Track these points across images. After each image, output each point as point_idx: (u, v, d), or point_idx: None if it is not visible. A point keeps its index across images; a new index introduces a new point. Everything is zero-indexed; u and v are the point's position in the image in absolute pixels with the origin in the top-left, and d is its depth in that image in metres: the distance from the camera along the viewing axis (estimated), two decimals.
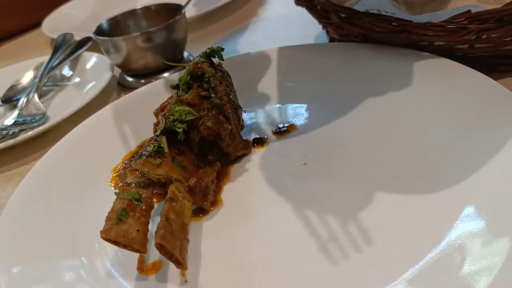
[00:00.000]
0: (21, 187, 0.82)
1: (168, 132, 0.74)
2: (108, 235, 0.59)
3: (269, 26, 1.41)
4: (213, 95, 0.75)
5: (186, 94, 0.74)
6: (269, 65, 1.05)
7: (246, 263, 0.63)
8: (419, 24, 0.85)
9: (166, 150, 0.73)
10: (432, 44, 0.90)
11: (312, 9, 0.99)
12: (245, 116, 0.91)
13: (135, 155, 0.74)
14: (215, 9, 1.48)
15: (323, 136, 0.83)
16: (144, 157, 0.71)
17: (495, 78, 0.86)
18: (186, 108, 0.73)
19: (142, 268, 0.65)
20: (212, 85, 0.75)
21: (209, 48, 0.84)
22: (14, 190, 0.87)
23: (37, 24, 1.91)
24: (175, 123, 0.72)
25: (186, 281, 0.62)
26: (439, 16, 0.84)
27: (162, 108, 0.82)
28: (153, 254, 0.65)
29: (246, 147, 0.82)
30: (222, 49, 0.85)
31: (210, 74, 0.76)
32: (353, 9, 0.91)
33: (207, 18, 1.51)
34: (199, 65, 0.76)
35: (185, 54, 1.28)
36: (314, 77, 0.98)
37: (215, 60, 0.85)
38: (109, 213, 0.63)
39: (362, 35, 0.95)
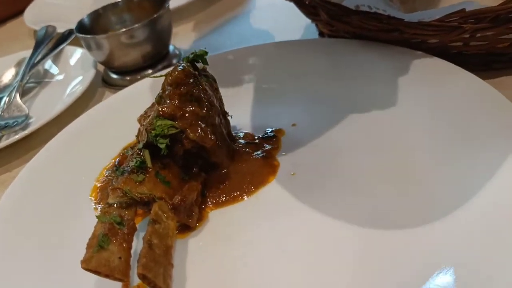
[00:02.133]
0: (4, 200, 0.79)
1: (151, 145, 0.71)
2: (89, 265, 0.57)
3: (256, 16, 1.37)
4: (196, 106, 0.72)
5: (167, 105, 0.71)
6: (255, 63, 1.02)
7: (232, 283, 0.61)
8: (411, 23, 0.81)
9: (149, 165, 0.70)
10: (425, 42, 0.87)
11: (300, 5, 0.96)
12: (231, 120, 0.88)
13: (117, 171, 0.71)
14: None
15: (312, 142, 0.80)
16: (126, 174, 0.69)
17: (490, 77, 0.85)
18: (168, 122, 0.69)
19: None
20: (195, 95, 0.72)
21: (192, 53, 0.80)
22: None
23: (19, 12, 1.86)
24: (157, 138, 0.69)
25: None
26: (432, 14, 0.81)
27: (146, 114, 0.80)
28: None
29: (232, 156, 0.80)
30: (206, 53, 0.81)
31: (193, 83, 0.73)
32: (342, 6, 0.87)
33: (192, 8, 1.47)
34: (181, 75, 0.72)
35: (171, 47, 1.24)
36: (302, 76, 0.95)
37: (199, 64, 0.82)
38: (90, 239, 0.60)
39: (352, 32, 0.92)
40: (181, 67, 0.74)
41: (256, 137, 0.85)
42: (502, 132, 0.66)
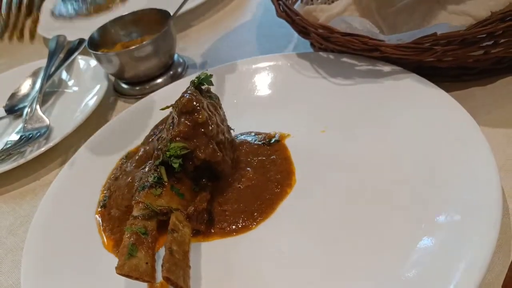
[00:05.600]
0: (37, 218, 0.91)
1: (166, 163, 0.83)
2: (122, 271, 0.70)
3: (253, 25, 1.47)
4: (203, 128, 0.83)
5: (178, 130, 0.82)
6: (252, 75, 1.13)
7: (242, 279, 0.74)
8: (390, 44, 0.92)
9: (165, 180, 0.82)
10: (403, 58, 0.98)
11: (292, 23, 1.06)
12: (234, 132, 0.99)
13: (139, 187, 0.83)
14: (202, 4, 1.53)
15: (309, 151, 0.92)
16: (147, 189, 0.81)
17: (461, 88, 0.96)
18: (180, 144, 0.81)
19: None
20: (202, 119, 0.83)
21: (197, 77, 0.91)
22: (30, 207, 0.98)
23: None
24: (172, 159, 0.81)
25: None
26: (408, 37, 0.91)
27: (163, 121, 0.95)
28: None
29: (236, 166, 0.92)
30: (211, 76, 0.93)
31: (199, 108, 0.84)
32: (329, 28, 0.97)
33: (192, 16, 1.57)
34: (189, 103, 0.83)
35: (175, 56, 1.35)
36: (296, 88, 1.07)
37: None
38: (120, 248, 0.73)
39: (339, 50, 1.03)
40: (187, 95, 0.85)
41: (256, 146, 0.97)
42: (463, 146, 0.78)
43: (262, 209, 0.84)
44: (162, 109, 0.90)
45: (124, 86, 1.32)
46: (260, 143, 0.97)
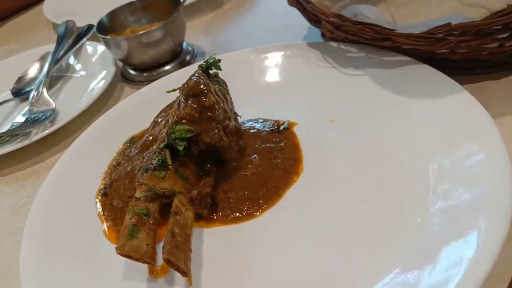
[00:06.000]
0: (39, 200, 0.90)
1: (170, 146, 0.82)
2: (123, 251, 0.68)
3: (264, 14, 1.46)
4: (209, 112, 0.82)
5: (184, 112, 0.81)
6: (262, 63, 1.12)
7: (243, 265, 0.73)
8: (402, 34, 0.90)
9: (170, 163, 0.81)
10: (416, 49, 0.96)
11: (303, 12, 1.04)
12: (242, 118, 0.98)
13: (142, 169, 0.82)
14: None
15: (317, 140, 0.90)
16: (150, 171, 0.80)
17: (474, 81, 0.94)
18: (186, 127, 0.80)
19: (153, 271, 0.75)
20: (209, 102, 0.82)
21: (205, 61, 0.90)
22: (33, 188, 0.97)
23: (35, 2, 1.94)
24: (177, 141, 0.80)
25: (190, 284, 0.72)
26: (421, 27, 0.89)
27: (164, 113, 0.93)
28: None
29: (242, 153, 0.90)
30: (219, 61, 0.91)
31: (206, 92, 0.83)
32: (342, 16, 0.96)
33: (202, 5, 1.56)
34: (196, 85, 0.82)
35: (184, 44, 1.34)
36: (306, 76, 1.05)
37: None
38: (122, 228, 0.72)
39: (351, 39, 1.01)
40: (195, 78, 0.84)
41: (264, 133, 0.96)
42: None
43: (268, 197, 0.82)
44: (169, 91, 0.89)
45: (132, 72, 1.30)
46: (268, 130, 0.96)
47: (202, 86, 0.83)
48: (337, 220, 0.75)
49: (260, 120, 0.99)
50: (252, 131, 0.97)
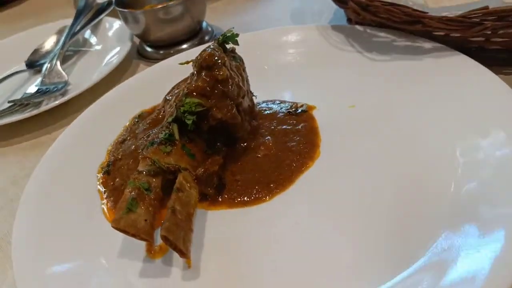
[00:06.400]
0: (41, 166, 0.86)
1: (179, 120, 0.77)
2: (118, 225, 0.64)
3: None
4: (222, 87, 0.77)
5: (196, 85, 0.76)
6: (283, 44, 1.06)
7: (247, 251, 0.67)
8: (434, 16, 0.84)
9: (177, 138, 0.76)
10: (447, 35, 0.89)
11: None
12: (257, 99, 0.93)
13: (147, 142, 0.77)
14: None
15: (336, 125, 0.85)
16: (156, 145, 0.75)
17: (510, 73, 0.87)
18: (196, 100, 0.75)
19: (151, 250, 0.70)
20: (222, 76, 0.77)
21: (222, 35, 0.85)
22: (37, 160, 0.92)
23: None
24: (185, 115, 0.75)
25: (189, 266, 0.66)
26: (455, 10, 0.83)
27: (174, 90, 0.88)
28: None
29: (254, 133, 0.85)
30: (237, 35, 0.86)
31: (220, 65, 0.78)
32: None
33: None
34: (210, 57, 0.77)
35: (204, 24, 1.29)
36: (328, 60, 0.99)
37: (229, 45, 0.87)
38: (120, 201, 0.68)
39: (378, 22, 0.95)
40: (210, 49, 0.79)
41: (281, 114, 0.90)
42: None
43: (279, 181, 0.77)
44: (182, 63, 0.84)
45: (148, 49, 1.26)
46: (285, 111, 0.90)
47: (216, 58, 0.78)
48: (352, 210, 0.69)
49: (277, 102, 0.94)
50: (267, 112, 0.91)
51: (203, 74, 0.78)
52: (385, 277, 0.59)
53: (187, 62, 0.83)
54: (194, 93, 0.76)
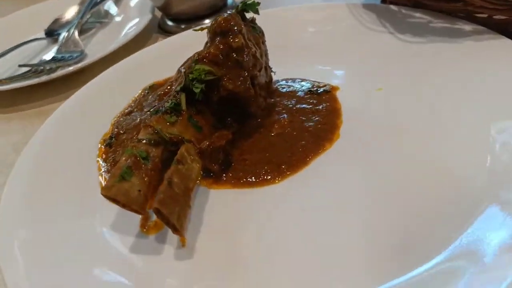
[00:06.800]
0: (41, 131, 0.82)
1: (187, 89, 0.71)
2: (109, 193, 0.58)
3: None
4: (237, 55, 0.70)
5: (207, 50, 0.70)
6: (309, 22, 0.99)
7: (245, 235, 0.61)
8: None
9: (184, 107, 0.70)
10: (490, 17, 0.80)
11: None
12: (277, 76, 0.86)
13: (151, 110, 0.72)
14: None
15: (360, 108, 0.77)
16: (160, 113, 0.69)
17: None
18: (206, 68, 0.69)
19: (144, 226, 0.64)
20: (237, 44, 0.71)
21: (242, 2, 0.78)
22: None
23: None
24: (194, 82, 0.69)
25: (183, 245, 0.60)
26: None
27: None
28: None
29: (269, 110, 0.78)
30: (258, 4, 0.79)
31: (237, 32, 0.71)
32: None
33: None
34: (225, 22, 0.71)
35: (229, 0, 1.23)
36: (357, 40, 0.91)
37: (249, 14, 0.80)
38: (114, 168, 0.62)
39: (414, 0, 0.87)
40: (226, 15, 0.72)
41: (301, 93, 0.83)
42: None
43: (292, 162, 0.70)
44: (196, 29, 0.78)
45: (169, 23, 1.21)
46: (306, 90, 0.83)
47: (232, 24, 0.71)
48: (369, 199, 0.61)
49: (298, 80, 0.87)
50: (286, 89, 0.84)
51: (216, 40, 0.71)
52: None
53: (202, 29, 0.77)
54: (205, 60, 0.70)
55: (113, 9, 1.33)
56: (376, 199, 0.61)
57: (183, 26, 1.18)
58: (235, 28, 0.71)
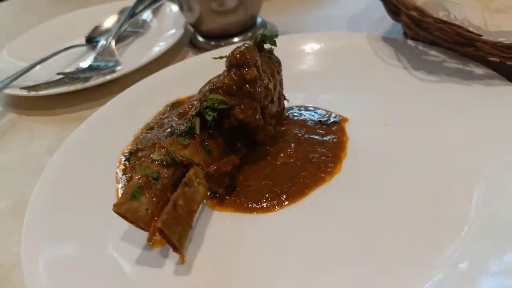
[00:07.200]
0: (71, 139, 0.90)
1: (202, 115, 0.77)
2: (119, 209, 0.65)
3: (350, 3, 1.35)
4: (249, 87, 0.75)
5: (222, 81, 0.76)
6: (328, 50, 1.03)
7: (241, 257, 0.66)
8: (489, 41, 0.78)
9: (197, 132, 0.76)
10: (503, 62, 0.82)
11: (385, 2, 0.94)
12: (291, 103, 0.91)
13: (168, 130, 0.78)
14: None
15: (365, 142, 0.81)
16: (175, 136, 0.75)
17: None
18: (219, 97, 0.74)
19: (151, 239, 0.70)
20: (251, 76, 0.76)
21: (261, 34, 0.83)
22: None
23: None
24: (207, 110, 0.74)
25: (182, 262, 0.66)
26: None
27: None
28: None
29: (278, 139, 0.83)
30: (276, 36, 0.84)
31: (252, 65, 0.76)
32: (423, 12, 0.84)
33: None
34: (241, 55, 0.76)
35: (259, 19, 1.28)
36: (372, 72, 0.96)
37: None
38: (126, 186, 0.68)
39: (430, 40, 0.89)
40: (243, 48, 0.77)
41: (311, 122, 0.88)
42: None
43: (291, 192, 0.74)
44: (215, 58, 0.83)
45: (200, 39, 1.27)
46: (316, 119, 0.87)
47: (247, 57, 0.76)
48: (359, 234, 0.66)
49: (311, 108, 0.91)
50: (297, 117, 0.89)
51: (232, 71, 0.77)
52: None
53: (221, 57, 0.82)
54: (219, 90, 0.75)
55: (149, 20, 1.40)
56: (363, 235, 0.65)
57: (212, 43, 1.24)
58: (250, 61, 0.76)
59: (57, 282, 0.64)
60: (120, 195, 0.78)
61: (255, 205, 0.73)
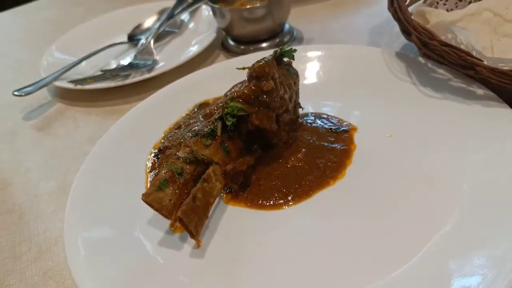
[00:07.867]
0: (111, 131, 1.02)
1: (223, 119, 0.87)
2: (147, 198, 0.76)
3: (375, 15, 1.43)
4: (266, 97, 0.85)
5: (242, 91, 0.86)
6: (345, 61, 1.12)
7: (247, 246, 0.77)
8: (487, 66, 0.85)
9: (218, 134, 0.87)
10: (501, 85, 0.89)
11: (398, 20, 1.02)
12: (306, 109, 1.01)
13: (193, 130, 0.89)
14: None
15: (369, 150, 0.90)
16: (199, 137, 0.86)
17: None
18: (239, 105, 0.85)
19: (173, 225, 0.82)
20: (269, 88, 0.85)
21: (280, 48, 0.93)
22: (113, 123, 1.07)
23: None
24: (227, 116, 0.85)
25: (198, 246, 0.78)
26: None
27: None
28: None
29: (291, 144, 0.93)
30: (295, 50, 0.94)
31: (270, 78, 0.86)
32: (431, 34, 0.92)
33: None
34: (260, 69, 0.86)
35: (286, 26, 1.37)
36: (382, 85, 1.04)
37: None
38: (154, 179, 0.80)
39: (436, 59, 0.97)
40: (263, 62, 0.87)
41: (322, 130, 0.97)
42: None
43: (297, 193, 0.84)
44: (239, 68, 0.94)
45: (231, 42, 1.38)
46: (327, 128, 0.97)
47: (266, 70, 0.86)
48: (357, 235, 0.75)
49: (324, 116, 1.00)
50: (310, 124, 0.98)
51: (251, 82, 0.87)
52: None
53: (243, 68, 0.93)
54: (239, 99, 0.86)
55: (187, 21, 1.52)
56: (359, 235, 0.75)
57: (242, 47, 1.34)
58: (268, 74, 0.86)
59: (92, 255, 0.76)
60: (148, 186, 0.90)
61: (264, 202, 0.84)
